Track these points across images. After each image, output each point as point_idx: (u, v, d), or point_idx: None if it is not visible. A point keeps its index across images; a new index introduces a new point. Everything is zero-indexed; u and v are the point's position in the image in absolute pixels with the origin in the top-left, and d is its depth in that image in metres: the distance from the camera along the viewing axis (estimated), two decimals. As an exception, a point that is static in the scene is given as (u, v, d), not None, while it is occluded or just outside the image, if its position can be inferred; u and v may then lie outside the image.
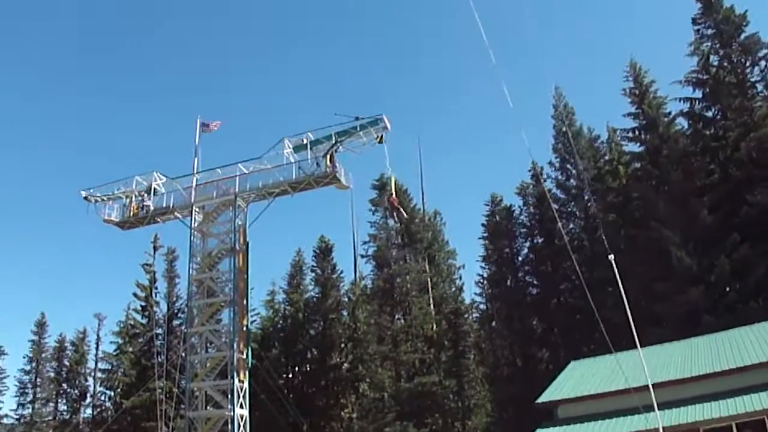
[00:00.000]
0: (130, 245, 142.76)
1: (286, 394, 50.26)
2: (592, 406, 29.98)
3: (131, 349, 64.26)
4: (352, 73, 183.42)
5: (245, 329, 40.70)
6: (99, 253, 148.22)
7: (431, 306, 60.13)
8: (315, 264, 66.95)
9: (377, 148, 39.97)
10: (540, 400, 32.66)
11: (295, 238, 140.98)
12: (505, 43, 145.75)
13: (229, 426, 37.61)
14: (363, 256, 66.51)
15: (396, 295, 60.70)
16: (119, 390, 63.26)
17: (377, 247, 63.88)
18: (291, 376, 63.72)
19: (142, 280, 66.70)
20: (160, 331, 63.84)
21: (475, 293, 67.31)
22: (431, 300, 60.61)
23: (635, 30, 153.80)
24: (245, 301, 41.16)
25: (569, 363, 38.02)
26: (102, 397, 69.93)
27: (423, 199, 69.89)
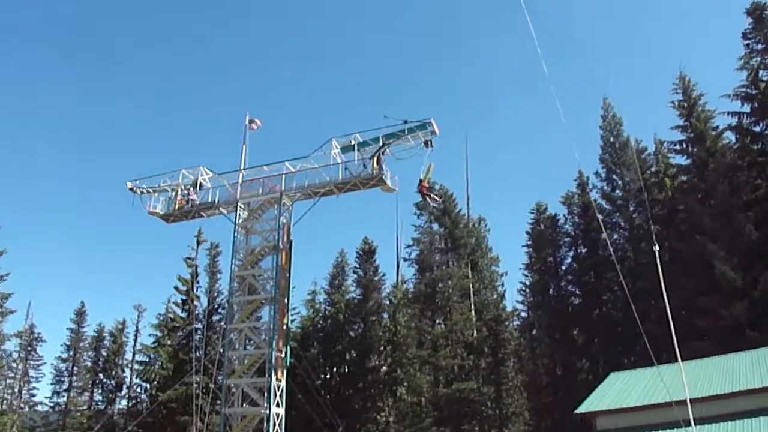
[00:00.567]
0: (173, 239, 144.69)
1: (323, 394, 50.56)
2: (630, 418, 29.64)
3: (169, 343, 64.68)
4: (402, 76, 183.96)
5: (285, 328, 40.86)
6: (142, 246, 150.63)
7: (472, 312, 59.99)
8: (357, 265, 67.08)
9: (424, 152, 39.90)
10: (578, 410, 32.37)
11: (339, 238, 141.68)
12: (555, 45, 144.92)
13: (265, 424, 37.74)
14: (406, 259, 66.68)
15: (437, 300, 60.73)
16: (155, 383, 63.65)
17: (420, 251, 63.93)
18: (329, 376, 63.88)
19: (183, 273, 67.19)
20: (199, 326, 64.12)
21: (517, 301, 67.40)
22: (472, 306, 60.47)
23: (686, 42, 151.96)
24: (286, 300, 41.28)
25: (609, 374, 37.64)
26: (138, 389, 70.56)
27: (468, 205, 69.77)
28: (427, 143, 39.30)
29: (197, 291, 67.73)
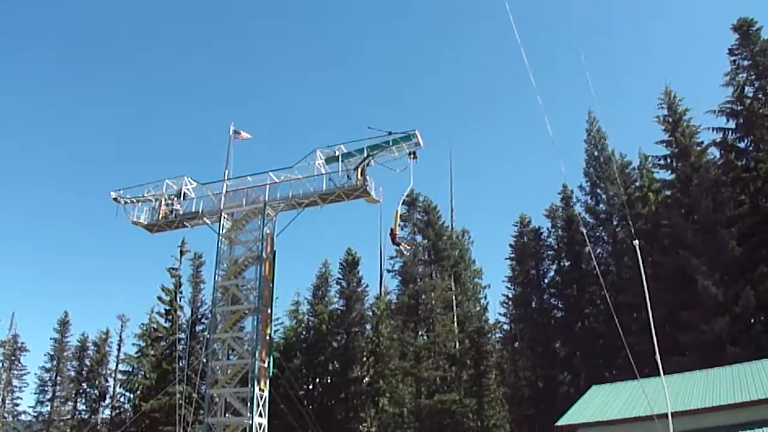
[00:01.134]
0: (157, 249, 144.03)
1: (305, 404, 50.41)
2: (611, 431, 29.77)
3: (153, 352, 64.60)
4: (386, 88, 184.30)
5: (268, 338, 40.86)
6: (125, 256, 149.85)
7: (455, 324, 60.19)
8: (341, 276, 67.22)
9: (408, 163, 40.10)
10: (560, 423, 32.44)
11: (323, 249, 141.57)
12: (542, 55, 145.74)
13: (248, 434, 37.76)
14: (389, 270, 66.82)
15: (420, 312, 60.91)
16: (139, 392, 63.51)
17: (403, 263, 64.05)
18: (311, 387, 63.91)
19: (167, 284, 67.17)
20: (182, 336, 64.16)
21: (500, 313, 67.41)
22: (455, 318, 60.67)
23: (673, 57, 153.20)
24: (269, 310, 41.31)
25: (590, 387, 37.80)
26: (121, 399, 70.48)
27: (452, 217, 70.11)
28: (412, 154, 39.57)
29: (180, 301, 67.82)
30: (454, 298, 61.74)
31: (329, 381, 64.18)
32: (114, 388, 71.30)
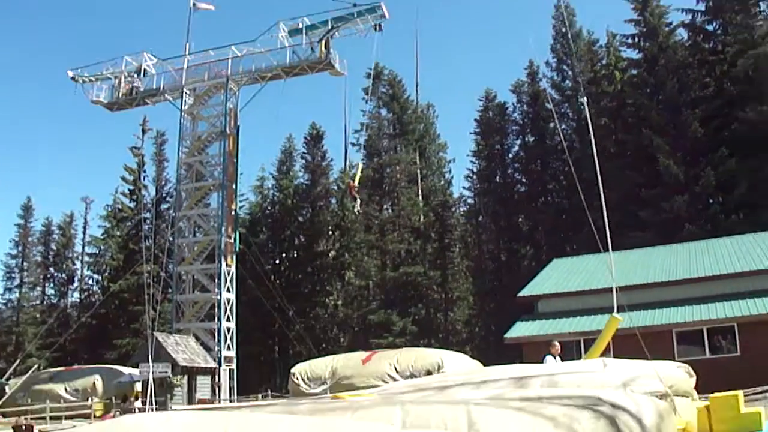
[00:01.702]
0: (118, 129, 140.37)
1: (272, 279, 51.05)
2: (571, 302, 30.67)
3: (119, 233, 64.49)
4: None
5: (233, 214, 41.04)
6: (86, 137, 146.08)
7: (420, 198, 60.49)
8: (305, 151, 66.73)
9: (374, 36, 39.59)
10: (521, 294, 33.41)
11: (287, 124, 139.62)
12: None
13: (216, 309, 38.34)
14: (354, 144, 66.37)
15: (385, 185, 60.96)
16: (106, 274, 63.98)
17: (368, 136, 63.66)
18: (278, 261, 64.47)
19: (130, 163, 65.89)
20: (147, 215, 63.39)
21: (464, 187, 67.46)
22: (420, 192, 60.93)
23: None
24: (234, 186, 41.35)
25: (552, 260, 38.72)
26: (89, 281, 70.58)
27: (417, 91, 69.34)
28: (377, 27, 39.06)
29: (144, 180, 67.18)
30: (418, 171, 61.82)
31: (295, 255, 64.80)
32: (82, 270, 71.09)
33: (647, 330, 24.19)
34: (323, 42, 39.78)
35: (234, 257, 40.18)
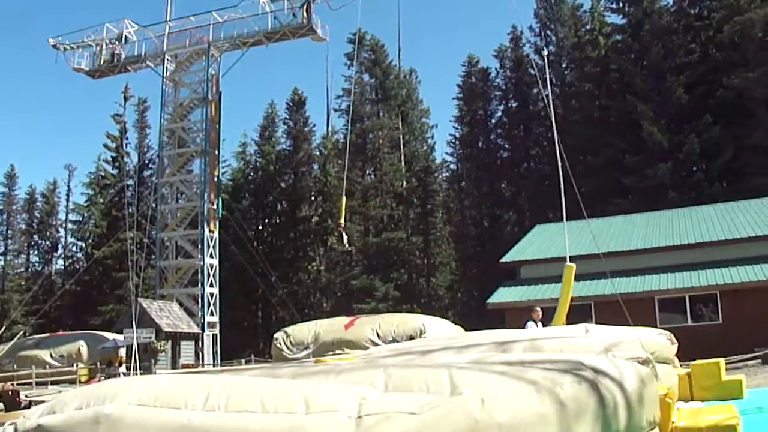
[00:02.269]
0: (100, 96, 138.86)
1: (255, 245, 51.08)
2: (553, 268, 30.66)
3: (102, 200, 64.37)
4: None
5: (216, 180, 40.94)
6: (68, 105, 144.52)
7: (402, 163, 60.41)
8: (287, 116, 66.37)
9: (356, 1, 39.21)
10: (504, 259, 33.55)
11: (269, 90, 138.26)
12: None
13: (199, 275, 38.45)
14: (336, 110, 66.19)
15: (368, 151, 60.84)
16: (90, 241, 63.87)
17: (351, 102, 63.37)
18: (261, 227, 64.44)
19: (112, 130, 65.84)
20: (130, 182, 63.87)
21: (446, 153, 67.52)
22: (402, 157, 60.84)
23: None
24: (216, 152, 41.22)
25: (534, 226, 38.83)
26: (73, 248, 70.51)
27: (399, 56, 68.80)
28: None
29: (127, 147, 67.05)
30: (401, 137, 61.69)
31: (278, 221, 64.84)
32: (65, 238, 71.10)
33: (629, 297, 24.47)
34: (305, 7, 39.61)
35: (217, 223, 40.17)
